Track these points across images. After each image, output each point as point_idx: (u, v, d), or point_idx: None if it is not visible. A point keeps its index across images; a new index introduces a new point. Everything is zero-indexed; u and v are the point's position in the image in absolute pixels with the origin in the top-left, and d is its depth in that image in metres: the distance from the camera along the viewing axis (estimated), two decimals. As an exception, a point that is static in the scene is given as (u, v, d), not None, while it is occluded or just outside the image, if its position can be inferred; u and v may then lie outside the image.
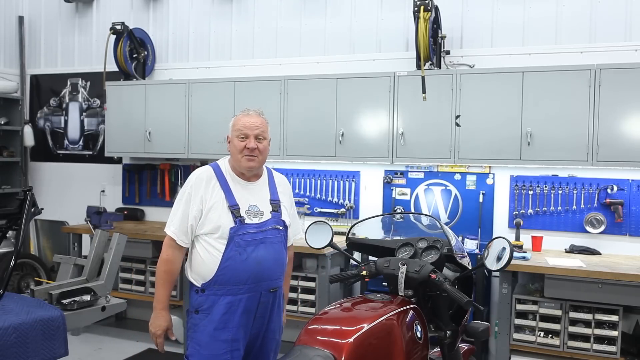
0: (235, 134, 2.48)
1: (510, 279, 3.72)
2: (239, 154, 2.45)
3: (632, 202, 3.97)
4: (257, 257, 2.41)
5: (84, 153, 5.94)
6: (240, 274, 2.39)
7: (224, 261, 2.38)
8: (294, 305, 4.27)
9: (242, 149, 2.44)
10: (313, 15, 4.97)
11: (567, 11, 4.22)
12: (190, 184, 2.46)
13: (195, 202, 2.42)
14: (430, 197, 4.49)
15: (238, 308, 2.39)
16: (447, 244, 2.26)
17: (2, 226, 3.39)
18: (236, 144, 2.46)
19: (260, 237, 2.43)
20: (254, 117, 2.51)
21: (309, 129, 4.47)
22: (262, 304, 2.45)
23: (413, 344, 1.98)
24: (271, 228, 2.48)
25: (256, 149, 2.45)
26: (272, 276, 2.48)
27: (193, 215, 2.41)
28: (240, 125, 2.48)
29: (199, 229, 2.42)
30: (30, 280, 5.23)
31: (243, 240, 2.39)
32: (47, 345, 2.93)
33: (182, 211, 2.44)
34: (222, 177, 2.48)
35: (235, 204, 2.42)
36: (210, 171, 2.49)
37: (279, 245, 2.51)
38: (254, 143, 2.45)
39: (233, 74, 5.04)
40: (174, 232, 2.43)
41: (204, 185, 2.44)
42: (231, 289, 2.38)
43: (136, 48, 5.33)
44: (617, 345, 3.43)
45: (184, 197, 2.46)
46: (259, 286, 2.43)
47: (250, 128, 2.46)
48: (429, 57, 4.14)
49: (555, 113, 3.82)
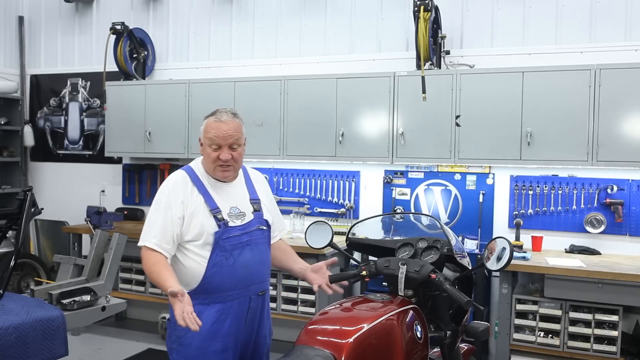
0: (207, 142, 2.28)
1: (510, 279, 3.72)
2: (212, 164, 2.29)
3: (632, 202, 3.97)
4: (244, 261, 2.30)
5: (84, 153, 5.94)
6: (229, 280, 2.27)
7: (210, 267, 2.25)
8: (294, 305, 4.26)
9: (215, 159, 2.27)
10: (313, 15, 4.97)
11: (567, 11, 4.22)
12: (166, 191, 2.29)
13: (176, 209, 2.24)
14: (430, 197, 4.49)
15: (228, 316, 2.27)
16: (447, 244, 2.26)
17: (2, 226, 3.39)
18: (209, 153, 2.28)
19: (245, 240, 2.32)
20: (227, 123, 2.27)
21: (309, 129, 4.47)
22: (252, 309, 2.35)
23: (413, 344, 1.98)
24: (255, 229, 2.36)
25: (230, 158, 2.28)
26: (260, 279, 2.38)
27: (177, 222, 2.24)
28: (212, 134, 2.26)
29: (182, 236, 2.26)
30: (30, 280, 5.23)
31: (229, 244, 2.27)
32: (47, 345, 2.93)
33: (162, 220, 2.23)
34: (198, 180, 2.32)
35: (216, 207, 2.28)
36: (185, 176, 2.33)
37: (263, 247, 2.40)
38: (228, 153, 2.26)
39: (233, 74, 5.04)
40: (157, 244, 2.21)
41: (181, 189, 2.28)
42: (220, 296, 2.26)
43: (136, 48, 5.33)
44: (617, 345, 3.43)
45: (161, 205, 2.26)
46: (247, 290, 2.32)
47: (223, 138, 2.25)
48: (429, 57, 4.14)
49: (555, 113, 3.82)
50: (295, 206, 4.87)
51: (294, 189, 4.90)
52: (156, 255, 2.21)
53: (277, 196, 4.93)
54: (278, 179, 4.96)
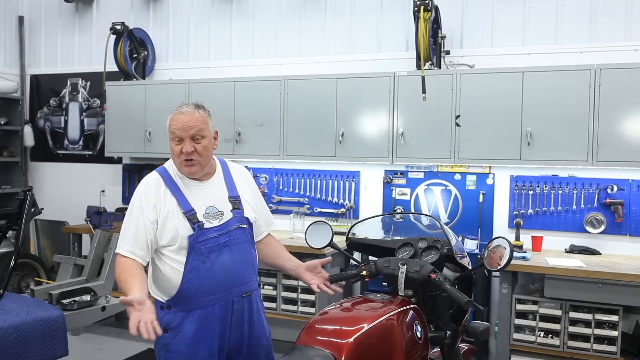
0: (170, 136, 2.21)
1: (510, 279, 3.72)
2: (177, 159, 2.20)
3: (632, 202, 3.97)
4: (223, 263, 2.21)
5: (84, 153, 5.94)
6: (207, 284, 2.18)
7: (187, 273, 2.16)
8: (294, 305, 4.26)
9: (179, 154, 2.18)
10: (313, 15, 4.97)
11: (567, 11, 4.22)
12: (139, 195, 2.21)
13: (148, 213, 2.16)
14: (430, 197, 4.49)
15: (211, 321, 2.20)
16: (447, 244, 2.26)
17: (2, 226, 3.39)
18: (172, 148, 2.20)
19: (223, 241, 2.22)
20: (187, 114, 2.20)
21: (309, 129, 4.47)
22: (237, 312, 2.26)
23: (413, 344, 1.98)
24: (235, 228, 2.26)
25: (193, 151, 2.18)
26: (243, 280, 2.28)
27: (150, 227, 2.15)
28: (173, 127, 2.20)
29: (157, 241, 2.18)
30: (30, 280, 5.23)
31: (205, 247, 2.18)
32: (47, 345, 2.93)
33: (135, 225, 2.16)
34: (171, 181, 2.24)
35: (190, 209, 2.19)
36: (157, 177, 2.25)
37: (245, 246, 2.30)
38: (190, 146, 2.17)
39: (233, 74, 5.04)
40: (130, 251, 2.13)
41: (154, 192, 2.20)
42: (200, 301, 2.18)
43: (136, 48, 5.33)
44: (617, 345, 3.43)
45: (133, 210, 2.19)
46: (229, 293, 2.23)
47: (183, 129, 2.17)
48: (429, 57, 4.14)
49: (555, 113, 3.82)
50: (295, 206, 4.87)
51: (294, 189, 4.90)
52: (127, 262, 2.13)
53: (277, 196, 4.93)
54: (278, 179, 4.96)
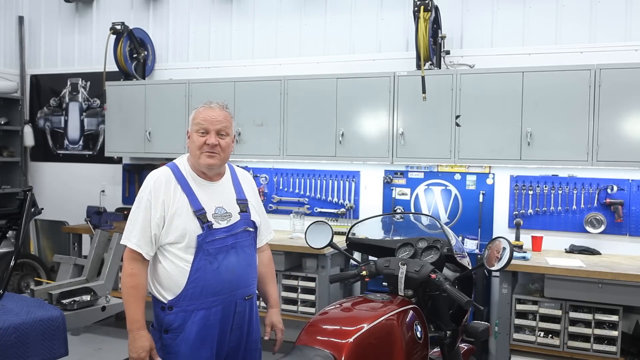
0: (195, 128, 2.25)
1: (510, 279, 3.72)
2: (198, 150, 2.23)
3: (632, 202, 3.97)
4: (230, 265, 2.23)
5: (84, 153, 5.94)
6: (213, 285, 2.19)
7: (194, 272, 2.17)
8: (294, 305, 4.26)
9: (202, 145, 2.22)
10: (313, 15, 4.97)
11: (567, 11, 4.22)
12: (148, 188, 2.21)
13: (156, 208, 2.17)
14: (430, 197, 4.49)
15: (214, 322, 2.20)
16: (447, 244, 2.26)
17: (2, 226, 3.39)
18: (195, 140, 2.24)
19: (230, 242, 2.24)
20: (216, 110, 2.28)
21: (309, 129, 4.47)
22: (239, 314, 2.28)
23: (413, 344, 1.98)
24: (242, 231, 2.29)
25: (217, 145, 2.22)
26: (246, 283, 2.30)
27: (156, 223, 2.17)
28: (200, 119, 2.25)
29: (163, 238, 2.18)
30: (30, 280, 5.23)
31: (213, 248, 2.19)
32: (47, 346, 2.93)
33: (142, 219, 2.17)
34: (182, 178, 2.25)
35: (200, 209, 2.20)
36: (169, 173, 2.26)
37: (249, 249, 2.33)
38: (215, 139, 2.22)
39: (233, 74, 5.04)
40: (137, 244, 2.16)
41: (163, 188, 2.20)
42: (204, 302, 2.18)
43: (136, 48, 5.33)
44: (617, 345, 3.43)
45: (142, 203, 2.20)
46: (233, 295, 2.25)
47: (212, 122, 2.24)
48: (429, 57, 4.14)
49: (555, 113, 3.82)
50: (295, 206, 4.87)
51: (294, 189, 4.90)
52: (138, 278, 2.17)
53: (277, 196, 4.93)
54: (278, 179, 4.96)
